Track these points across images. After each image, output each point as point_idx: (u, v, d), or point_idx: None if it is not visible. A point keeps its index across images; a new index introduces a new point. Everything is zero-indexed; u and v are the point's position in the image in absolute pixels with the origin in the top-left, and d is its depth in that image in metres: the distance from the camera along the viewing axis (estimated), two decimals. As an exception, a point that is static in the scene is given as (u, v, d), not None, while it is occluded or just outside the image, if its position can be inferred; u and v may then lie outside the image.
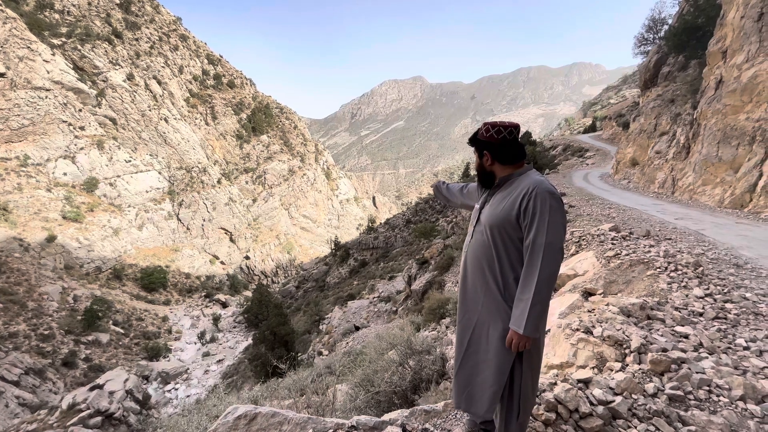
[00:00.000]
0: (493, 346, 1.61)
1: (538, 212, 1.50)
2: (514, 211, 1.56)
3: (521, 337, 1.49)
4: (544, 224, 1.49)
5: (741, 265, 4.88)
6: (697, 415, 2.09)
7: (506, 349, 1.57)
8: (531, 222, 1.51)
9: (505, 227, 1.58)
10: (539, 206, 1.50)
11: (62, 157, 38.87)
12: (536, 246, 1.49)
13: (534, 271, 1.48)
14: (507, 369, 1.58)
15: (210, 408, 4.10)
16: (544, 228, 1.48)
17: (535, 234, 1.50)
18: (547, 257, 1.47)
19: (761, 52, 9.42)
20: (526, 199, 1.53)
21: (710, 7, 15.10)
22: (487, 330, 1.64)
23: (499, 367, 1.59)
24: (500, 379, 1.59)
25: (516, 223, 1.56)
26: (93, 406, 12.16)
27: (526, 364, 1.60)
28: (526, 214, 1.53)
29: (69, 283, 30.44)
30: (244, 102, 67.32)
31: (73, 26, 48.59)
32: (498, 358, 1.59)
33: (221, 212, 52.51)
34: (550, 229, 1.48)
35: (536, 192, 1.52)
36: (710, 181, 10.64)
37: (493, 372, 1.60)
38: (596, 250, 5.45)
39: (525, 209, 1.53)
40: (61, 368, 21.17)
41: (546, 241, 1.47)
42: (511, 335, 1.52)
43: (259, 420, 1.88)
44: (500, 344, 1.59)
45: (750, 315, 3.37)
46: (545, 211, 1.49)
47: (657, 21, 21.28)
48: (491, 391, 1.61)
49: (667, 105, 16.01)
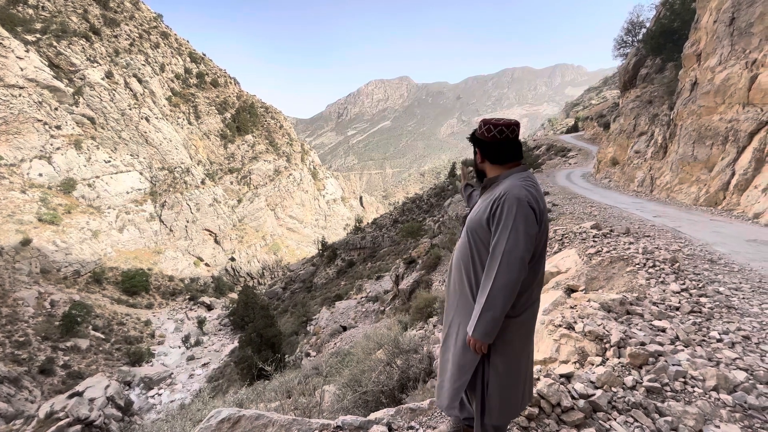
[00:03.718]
0: (459, 345, 1.64)
1: (503, 219, 1.47)
2: (486, 216, 1.55)
3: (475, 339, 1.51)
4: (506, 232, 1.46)
5: (715, 261, 5.07)
6: (673, 405, 2.16)
7: (468, 349, 1.59)
8: (496, 228, 1.49)
9: (478, 231, 1.58)
10: (505, 212, 1.47)
11: (37, 157, 37.50)
12: (495, 253, 1.47)
13: (490, 279, 1.47)
14: (470, 368, 1.60)
15: (194, 413, 4.03)
16: (505, 235, 1.45)
17: (496, 241, 1.48)
18: (503, 265, 1.44)
19: (733, 55, 9.79)
20: (496, 203, 1.51)
21: (686, 11, 15.58)
22: (457, 329, 1.67)
23: (460, 365, 1.62)
24: (461, 376, 1.62)
25: (487, 228, 1.55)
26: (72, 414, 11.79)
27: (490, 366, 1.61)
28: (494, 219, 1.51)
29: (45, 287, 29.39)
30: (228, 101, 66.21)
31: (48, 22, 46.89)
32: (460, 356, 1.62)
33: (205, 213, 51.56)
34: (512, 237, 1.45)
35: (505, 198, 1.49)
36: (686, 179, 11.00)
37: (455, 369, 1.64)
38: (578, 248, 5.57)
39: (494, 214, 1.51)
40: (37, 376, 20.42)
41: (505, 249, 1.44)
42: (468, 336, 1.55)
43: (243, 423, 1.86)
44: (463, 344, 1.62)
45: (723, 308, 3.50)
46: (509, 218, 1.46)
47: (635, 24, 21.84)
48: (452, 387, 1.65)
49: (645, 106, 16.48)
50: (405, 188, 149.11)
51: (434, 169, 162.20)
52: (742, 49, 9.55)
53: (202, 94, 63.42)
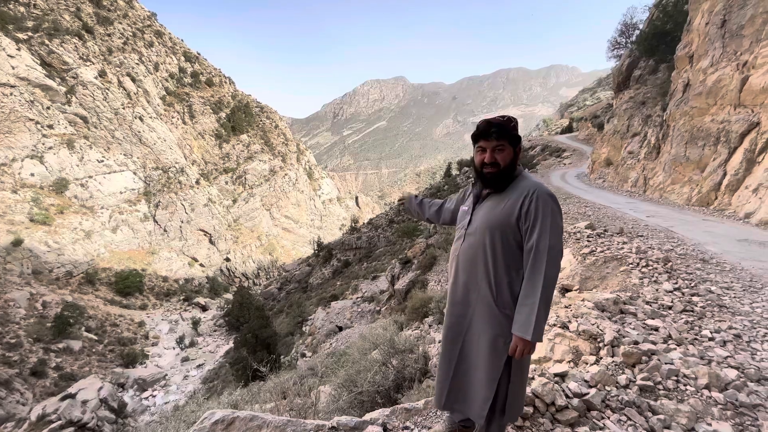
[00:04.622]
0: (483, 352, 1.58)
1: (540, 215, 1.47)
2: (515, 214, 1.52)
3: (527, 343, 1.45)
4: (547, 227, 1.46)
5: (707, 260, 5.12)
6: (665, 404, 2.18)
7: (497, 356, 1.54)
8: (533, 225, 1.48)
9: (504, 230, 1.54)
10: (541, 209, 1.47)
11: (29, 156, 37.03)
12: (540, 249, 1.45)
13: (539, 275, 1.44)
14: (497, 376, 1.55)
15: (188, 414, 4.00)
16: (546, 231, 1.45)
17: (538, 237, 1.46)
18: (550, 261, 1.44)
19: (724, 57, 9.91)
20: (528, 201, 1.50)
21: (678, 13, 15.73)
22: (478, 336, 1.61)
23: (489, 374, 1.56)
24: (491, 385, 1.56)
25: (516, 226, 1.52)
26: (64, 417, 11.66)
27: (515, 369, 1.57)
28: (528, 216, 1.49)
29: (37, 288, 29.03)
30: (223, 101, 65.85)
31: (41, 20, 46.33)
32: (489, 365, 1.56)
33: (200, 213, 51.23)
34: (552, 232, 1.46)
35: (537, 194, 1.49)
36: (679, 180, 11.11)
37: (485, 379, 1.57)
38: (573, 248, 5.60)
39: (527, 212, 1.49)
40: (29, 378, 20.16)
41: (549, 244, 1.44)
42: (516, 341, 1.47)
43: (237, 424, 1.85)
44: (490, 351, 1.56)
45: (715, 307, 3.54)
46: (547, 214, 1.47)
47: (629, 26, 22.00)
48: (483, 398, 1.58)
49: (638, 107, 16.62)
50: (401, 188, 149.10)
51: (430, 170, 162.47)
52: (733, 51, 9.66)
53: (197, 94, 63.01)
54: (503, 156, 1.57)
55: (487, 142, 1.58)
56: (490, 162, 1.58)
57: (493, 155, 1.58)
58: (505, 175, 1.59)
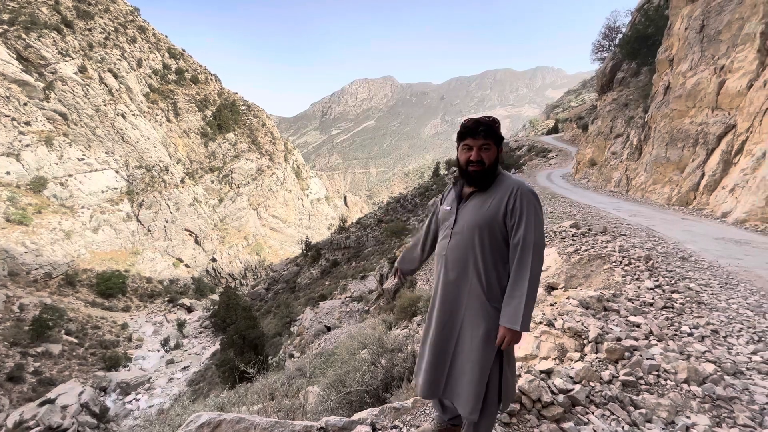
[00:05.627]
0: (476, 347, 1.60)
1: (525, 211, 1.54)
2: (501, 211, 1.57)
3: (515, 333, 1.51)
4: (531, 223, 1.53)
5: (686, 258, 5.27)
6: (647, 398, 2.24)
7: (489, 349, 1.58)
8: (519, 221, 1.54)
9: (492, 227, 1.59)
10: (525, 206, 1.54)
11: (5, 154, 35.72)
12: (526, 244, 1.52)
13: (525, 269, 1.51)
14: (488, 369, 1.59)
15: (173, 418, 3.92)
16: (531, 227, 1.52)
17: (524, 233, 1.53)
18: (535, 254, 1.51)
19: (703, 61, 10.21)
20: (512, 198, 1.56)
21: (659, 17, 16.14)
22: (470, 332, 1.63)
23: (483, 368, 1.59)
24: (483, 379, 1.59)
25: (502, 223, 1.58)
26: (43, 423, 11.31)
27: (506, 361, 1.62)
28: (514, 213, 1.55)
29: (14, 290, 28.08)
30: (208, 98, 64.71)
31: (17, 13, 44.72)
32: (483, 356, 1.59)
33: (185, 213, 50.28)
34: (537, 227, 1.53)
35: (521, 192, 1.56)
36: (660, 180, 11.41)
37: (481, 371, 1.60)
38: (558, 246, 5.70)
39: (512, 209, 1.55)
40: (5, 383, 19.48)
41: (534, 240, 1.52)
42: (504, 332, 1.52)
43: (224, 427, 1.82)
44: (484, 345, 1.59)
45: (693, 304, 3.65)
46: (531, 211, 1.54)
47: (612, 29, 22.51)
48: (476, 392, 1.60)
49: (621, 109, 17.00)
50: (389, 188, 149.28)
51: (418, 169, 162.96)
52: (711, 56, 9.97)
53: (182, 91, 61.75)
54: (489, 155, 1.61)
55: (474, 140, 1.61)
56: (477, 160, 1.61)
57: (479, 153, 1.61)
58: (489, 174, 1.63)
